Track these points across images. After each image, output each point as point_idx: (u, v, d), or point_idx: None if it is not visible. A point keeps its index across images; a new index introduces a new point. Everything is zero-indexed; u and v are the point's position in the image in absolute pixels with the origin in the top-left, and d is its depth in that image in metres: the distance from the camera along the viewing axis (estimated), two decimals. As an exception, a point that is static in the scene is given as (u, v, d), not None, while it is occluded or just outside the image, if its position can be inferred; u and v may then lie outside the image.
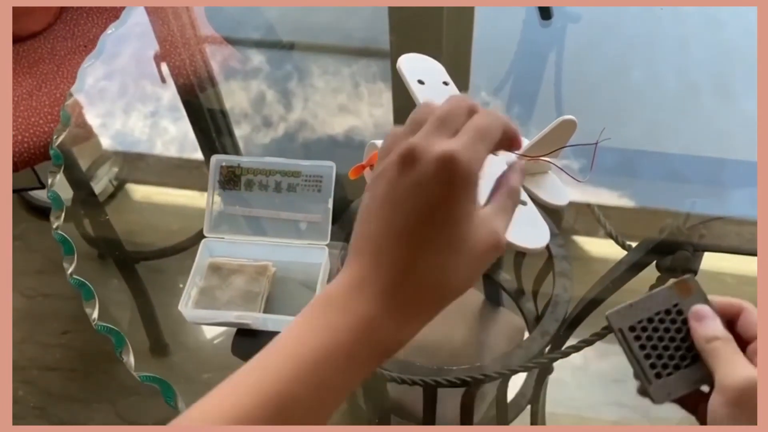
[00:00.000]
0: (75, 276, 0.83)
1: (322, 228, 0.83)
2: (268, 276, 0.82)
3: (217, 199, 0.85)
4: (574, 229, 0.95)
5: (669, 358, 0.52)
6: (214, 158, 0.85)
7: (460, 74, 1.15)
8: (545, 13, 1.23)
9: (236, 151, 1.07)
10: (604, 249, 0.93)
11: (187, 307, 0.77)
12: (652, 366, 0.52)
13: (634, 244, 0.91)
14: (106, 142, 1.07)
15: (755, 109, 1.03)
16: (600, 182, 0.99)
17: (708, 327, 0.51)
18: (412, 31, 1.26)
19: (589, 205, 0.95)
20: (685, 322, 0.52)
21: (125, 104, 1.10)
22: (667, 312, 0.53)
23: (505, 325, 0.92)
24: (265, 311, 0.80)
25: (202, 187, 0.97)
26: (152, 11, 1.20)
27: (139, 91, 1.12)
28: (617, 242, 0.91)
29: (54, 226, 0.88)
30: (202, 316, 0.78)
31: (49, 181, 0.91)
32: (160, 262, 0.97)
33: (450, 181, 0.39)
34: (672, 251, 0.87)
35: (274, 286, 0.82)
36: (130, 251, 0.96)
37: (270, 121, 1.09)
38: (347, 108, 1.12)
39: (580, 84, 1.16)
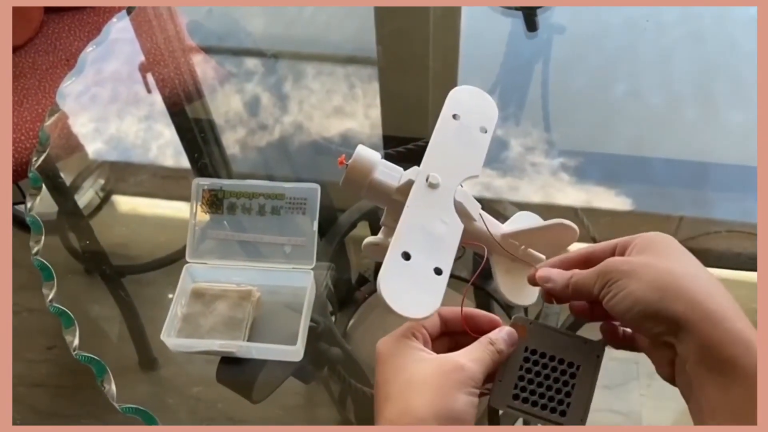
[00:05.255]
0: (55, 304, 0.81)
1: (307, 251, 0.82)
2: (252, 301, 0.80)
3: (200, 223, 0.83)
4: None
5: (558, 393, 0.51)
6: (196, 182, 0.83)
7: (446, 86, 1.14)
8: (531, 24, 1.22)
9: (224, 162, 1.07)
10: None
11: (170, 336, 0.76)
12: (553, 410, 0.51)
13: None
14: (91, 153, 1.06)
15: (738, 121, 1.04)
16: (587, 188, 0.99)
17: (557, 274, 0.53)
18: (398, 45, 1.25)
19: (575, 211, 0.95)
20: (545, 357, 0.52)
21: (109, 115, 1.09)
22: (526, 360, 0.52)
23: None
24: (250, 337, 0.79)
25: (188, 198, 0.97)
26: (138, 23, 1.18)
27: (122, 105, 1.11)
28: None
29: (33, 252, 0.87)
30: (185, 345, 0.76)
31: (28, 204, 0.90)
32: (148, 275, 0.96)
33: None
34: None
35: (259, 311, 0.81)
36: (116, 265, 0.95)
37: (257, 128, 1.08)
38: (342, 110, 1.11)
39: (565, 96, 1.16)
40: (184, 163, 1.07)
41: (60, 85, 1.03)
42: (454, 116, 0.65)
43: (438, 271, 0.53)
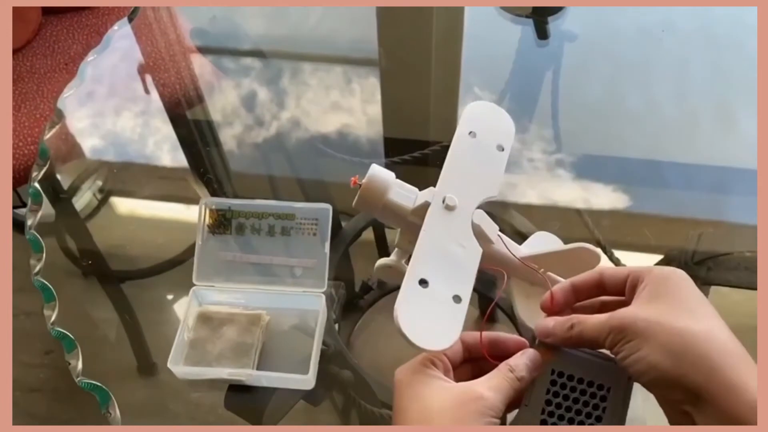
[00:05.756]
0: (57, 328, 0.79)
1: (318, 273, 0.79)
2: (261, 326, 0.78)
3: (207, 244, 0.80)
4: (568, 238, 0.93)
5: (588, 417, 0.49)
6: (203, 202, 0.80)
7: (449, 90, 1.14)
8: (542, 32, 1.19)
9: (223, 165, 1.04)
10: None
11: (177, 365, 0.73)
12: None
13: (624, 254, 0.88)
14: (89, 155, 1.04)
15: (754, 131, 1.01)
16: (592, 187, 0.98)
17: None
18: (401, 48, 1.23)
19: (579, 212, 0.93)
20: (573, 380, 0.49)
21: (108, 116, 1.06)
22: (553, 383, 0.49)
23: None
24: (260, 363, 0.76)
25: (188, 200, 0.98)
26: (139, 31, 1.16)
27: (121, 106, 1.08)
28: (605, 252, 0.88)
29: (34, 271, 0.84)
30: (193, 373, 0.74)
31: (29, 222, 0.87)
32: (147, 278, 0.94)
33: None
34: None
35: (269, 336, 0.79)
36: (115, 270, 0.93)
37: (260, 129, 1.06)
38: (339, 105, 1.09)
39: (577, 106, 1.13)
40: (183, 163, 1.05)
41: (60, 94, 1.00)
42: (471, 133, 0.63)
43: (457, 299, 0.51)
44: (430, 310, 0.50)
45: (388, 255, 0.89)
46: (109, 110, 1.06)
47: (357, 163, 1.01)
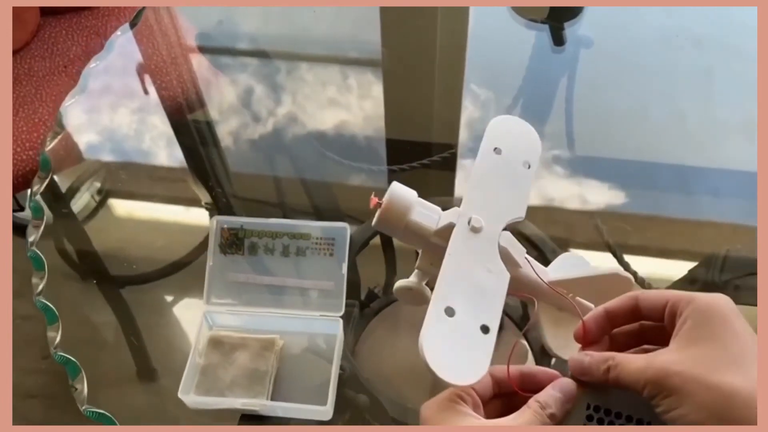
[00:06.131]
0: (60, 353, 0.76)
1: (335, 296, 0.75)
2: (275, 351, 0.74)
3: (218, 264, 0.77)
4: (575, 241, 0.91)
5: None
6: (215, 220, 0.77)
7: (452, 91, 1.11)
8: (558, 38, 1.16)
9: (223, 166, 1.02)
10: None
11: (188, 394, 0.70)
12: None
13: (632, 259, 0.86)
14: (87, 156, 1.01)
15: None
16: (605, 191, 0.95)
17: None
18: (404, 49, 1.20)
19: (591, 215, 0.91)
20: (609, 414, 0.46)
21: (108, 121, 1.03)
22: (589, 418, 0.46)
23: (508, 349, 0.86)
24: (274, 391, 0.73)
25: (187, 202, 0.97)
26: (141, 37, 1.12)
27: (120, 109, 1.05)
28: (617, 257, 0.86)
29: (37, 291, 0.80)
30: (206, 403, 0.70)
31: (30, 238, 0.83)
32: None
33: None
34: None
35: (283, 362, 0.75)
36: (116, 276, 0.90)
37: (259, 124, 1.04)
38: (342, 106, 1.07)
39: (593, 117, 1.10)
40: (182, 164, 1.03)
41: (59, 97, 0.96)
42: (495, 150, 0.60)
43: (485, 329, 0.49)
44: (457, 342, 0.48)
45: (394, 262, 0.89)
46: (108, 110, 1.04)
47: (365, 170, 0.99)
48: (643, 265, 0.88)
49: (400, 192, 0.58)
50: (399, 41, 1.20)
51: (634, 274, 0.86)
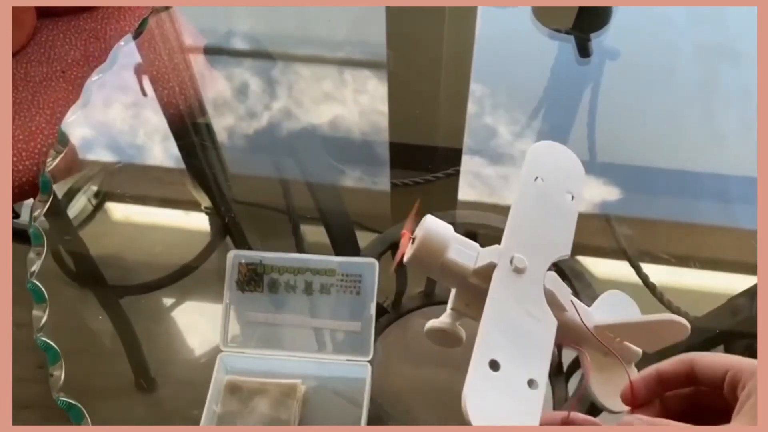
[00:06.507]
0: (62, 398, 0.72)
1: (362, 339, 0.70)
2: (297, 398, 0.69)
3: (235, 302, 0.71)
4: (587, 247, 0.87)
5: None
6: (232, 254, 0.71)
7: (457, 92, 1.08)
8: (583, 50, 1.10)
9: (223, 170, 0.99)
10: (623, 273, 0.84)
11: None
12: None
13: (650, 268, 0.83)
14: (84, 158, 0.97)
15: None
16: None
17: None
18: (410, 51, 1.16)
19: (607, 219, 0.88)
20: None
21: (103, 119, 0.99)
22: None
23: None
24: (297, 441, 0.67)
25: (186, 205, 0.95)
26: (145, 48, 1.07)
27: (118, 112, 1.01)
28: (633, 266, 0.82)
29: (39, 326, 0.75)
30: (224, 459, 0.65)
31: (31, 269, 0.77)
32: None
33: None
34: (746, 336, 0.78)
35: (306, 410, 0.69)
36: (115, 286, 0.88)
37: (262, 125, 1.01)
38: (338, 102, 1.04)
39: (615, 128, 1.04)
40: (180, 166, 0.99)
41: (56, 103, 0.91)
42: (537, 179, 0.56)
43: (532, 384, 0.46)
44: (503, 398, 0.45)
45: (405, 274, 0.83)
46: (106, 113, 1.00)
47: (367, 180, 0.96)
48: (671, 273, 0.86)
49: (437, 228, 0.53)
50: (405, 43, 1.16)
51: (653, 287, 0.83)
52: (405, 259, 0.53)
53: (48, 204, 0.82)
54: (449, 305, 0.56)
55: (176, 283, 0.84)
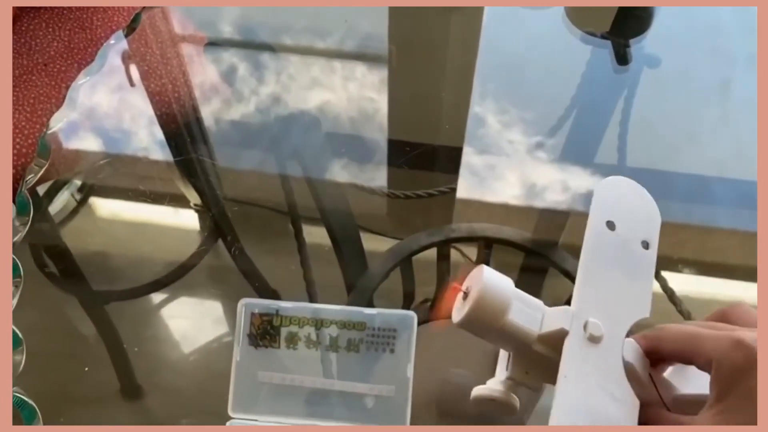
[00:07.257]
0: (18, 393, 0.66)
1: (397, 405, 0.60)
2: (320, 475, 0.59)
3: (246, 360, 0.61)
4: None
5: None
6: (242, 303, 0.60)
7: (461, 93, 1.03)
8: (621, 57, 1.00)
9: (214, 165, 0.94)
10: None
11: None
12: None
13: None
14: (68, 153, 0.92)
15: None
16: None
17: None
18: (413, 46, 1.11)
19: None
20: None
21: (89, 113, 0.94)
22: None
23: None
24: None
25: (175, 202, 0.91)
26: (136, 47, 1.00)
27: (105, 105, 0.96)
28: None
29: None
30: None
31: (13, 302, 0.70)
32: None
33: None
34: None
35: (330, 488, 0.60)
36: (97, 291, 0.83)
37: (266, 133, 0.98)
38: (344, 104, 1.00)
39: (649, 142, 0.96)
40: (169, 160, 0.95)
41: (38, 99, 0.90)
42: (609, 224, 0.48)
43: None
44: None
45: (413, 283, 0.78)
46: (93, 108, 0.95)
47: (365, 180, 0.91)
48: (690, 281, 0.82)
49: (497, 284, 0.45)
50: (407, 37, 1.12)
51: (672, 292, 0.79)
52: (455, 320, 0.46)
53: (27, 227, 0.74)
54: (503, 373, 0.48)
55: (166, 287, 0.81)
